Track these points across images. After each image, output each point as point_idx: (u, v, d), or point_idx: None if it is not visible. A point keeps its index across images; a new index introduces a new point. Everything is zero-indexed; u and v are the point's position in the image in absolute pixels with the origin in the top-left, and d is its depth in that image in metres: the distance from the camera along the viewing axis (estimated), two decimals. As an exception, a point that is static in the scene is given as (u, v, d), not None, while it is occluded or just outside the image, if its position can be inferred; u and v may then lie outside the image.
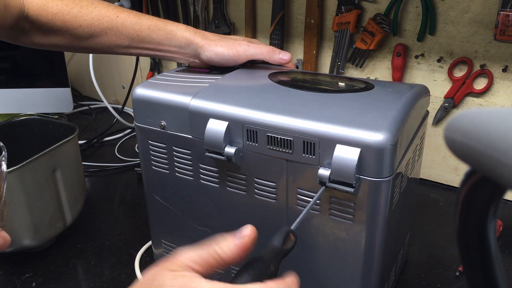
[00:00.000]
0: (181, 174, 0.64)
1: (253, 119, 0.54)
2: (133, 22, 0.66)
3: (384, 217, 0.51)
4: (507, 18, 0.76)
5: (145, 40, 0.67)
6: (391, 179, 0.50)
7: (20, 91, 1.16)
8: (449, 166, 0.96)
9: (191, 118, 0.59)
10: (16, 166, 0.69)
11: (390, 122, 0.50)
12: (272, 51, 0.69)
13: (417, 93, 0.59)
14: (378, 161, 0.48)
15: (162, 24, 0.67)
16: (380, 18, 0.91)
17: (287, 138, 0.52)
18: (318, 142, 0.50)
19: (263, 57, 0.69)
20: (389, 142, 0.48)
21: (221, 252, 0.41)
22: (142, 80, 1.35)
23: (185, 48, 0.68)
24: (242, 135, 0.55)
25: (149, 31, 0.67)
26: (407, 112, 0.53)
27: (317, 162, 0.52)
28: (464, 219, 0.27)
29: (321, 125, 0.50)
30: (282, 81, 0.64)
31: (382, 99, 0.57)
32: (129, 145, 1.21)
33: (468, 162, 0.23)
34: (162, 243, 0.73)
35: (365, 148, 0.48)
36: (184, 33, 0.67)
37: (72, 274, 0.75)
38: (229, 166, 0.58)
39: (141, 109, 0.63)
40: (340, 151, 0.49)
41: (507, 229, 0.82)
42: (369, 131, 0.48)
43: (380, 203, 0.51)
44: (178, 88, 0.62)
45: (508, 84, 0.84)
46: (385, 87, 0.62)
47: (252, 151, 0.56)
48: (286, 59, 0.70)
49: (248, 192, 0.59)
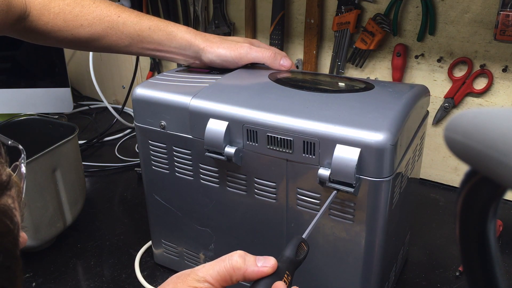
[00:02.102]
0: (181, 174, 0.64)
1: (253, 119, 0.54)
2: (134, 22, 0.67)
3: (384, 217, 0.51)
4: (507, 18, 0.76)
5: (146, 40, 0.67)
6: (391, 179, 0.50)
7: (20, 91, 1.16)
8: (449, 166, 0.96)
9: (191, 118, 0.59)
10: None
11: (390, 122, 0.50)
12: (274, 56, 0.69)
13: (417, 93, 0.59)
14: (378, 161, 0.48)
15: (163, 24, 0.67)
16: (380, 18, 0.91)
17: (287, 138, 0.52)
18: (318, 142, 0.50)
19: (264, 61, 0.69)
20: (389, 142, 0.48)
21: (242, 269, 0.43)
22: (142, 80, 1.35)
23: (186, 49, 0.68)
24: (242, 135, 0.55)
25: (150, 31, 0.67)
26: (407, 112, 0.53)
27: (317, 162, 0.51)
28: (464, 219, 0.27)
29: (321, 125, 0.50)
30: (282, 81, 0.64)
31: (382, 99, 0.57)
32: (129, 145, 1.21)
33: (468, 162, 0.23)
34: (162, 243, 0.73)
35: (365, 148, 0.48)
36: (185, 35, 0.67)
37: (72, 274, 0.75)
38: (229, 166, 0.58)
39: (141, 109, 0.63)
40: (340, 151, 0.49)
41: (507, 229, 0.82)
42: (369, 131, 0.48)
43: (380, 203, 0.51)
44: (178, 88, 0.62)
45: (508, 84, 0.84)
46: (385, 87, 0.62)
47: (252, 151, 0.56)
48: (287, 66, 0.70)
49: (248, 192, 0.59)
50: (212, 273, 0.43)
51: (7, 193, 0.29)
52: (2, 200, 0.28)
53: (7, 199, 0.29)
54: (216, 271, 0.43)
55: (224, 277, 0.43)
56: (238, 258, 0.44)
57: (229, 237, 0.64)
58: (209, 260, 0.68)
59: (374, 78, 0.98)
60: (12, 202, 0.29)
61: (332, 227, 0.54)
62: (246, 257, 0.44)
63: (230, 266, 0.43)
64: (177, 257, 0.72)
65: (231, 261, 0.44)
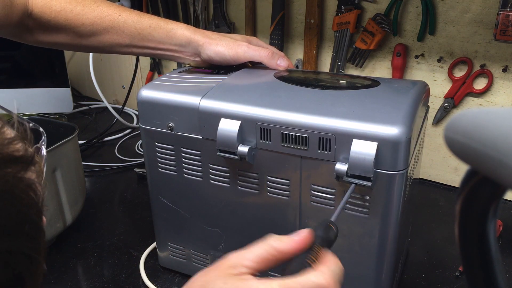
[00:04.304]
0: (190, 175, 0.63)
1: (267, 117, 0.54)
2: (134, 21, 0.67)
3: (398, 209, 0.52)
4: (507, 18, 0.76)
5: (146, 39, 0.67)
6: (405, 172, 0.51)
7: (20, 91, 1.16)
8: (449, 166, 0.96)
9: (201, 119, 0.59)
10: (16, 166, 0.69)
11: (404, 116, 0.51)
12: (271, 56, 0.69)
13: (421, 89, 0.61)
14: (394, 154, 0.49)
15: (163, 23, 0.68)
16: (380, 18, 0.91)
17: (302, 135, 0.53)
18: (334, 138, 0.51)
19: (262, 60, 0.69)
20: (405, 135, 0.49)
21: (280, 246, 0.41)
22: (142, 80, 1.35)
23: (186, 46, 0.68)
24: (255, 133, 0.55)
25: (150, 29, 0.67)
26: (416, 106, 0.55)
27: (333, 158, 0.52)
28: (464, 219, 0.27)
29: (337, 121, 0.51)
30: (289, 80, 0.64)
31: (391, 95, 0.58)
32: (129, 145, 1.21)
33: (468, 162, 0.23)
34: (168, 246, 0.72)
35: (382, 142, 0.49)
36: (184, 32, 0.68)
37: (72, 274, 0.75)
38: (240, 165, 0.58)
39: (147, 111, 0.63)
40: (358, 146, 0.50)
41: (507, 229, 0.82)
42: (385, 125, 0.49)
43: (394, 195, 0.51)
44: (185, 88, 0.62)
45: (508, 84, 0.84)
46: (390, 83, 0.63)
47: (265, 149, 0.56)
48: (284, 66, 0.70)
49: (260, 191, 0.59)
50: (250, 256, 0.41)
51: (32, 168, 0.30)
52: (28, 174, 0.30)
53: (31, 174, 0.30)
54: (255, 255, 0.41)
55: (265, 259, 0.41)
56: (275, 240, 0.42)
57: (240, 236, 0.64)
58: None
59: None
60: (36, 177, 0.31)
61: (347, 221, 0.54)
62: (281, 238, 0.42)
63: (271, 248, 0.41)
64: (184, 259, 0.72)
65: (271, 243, 0.42)
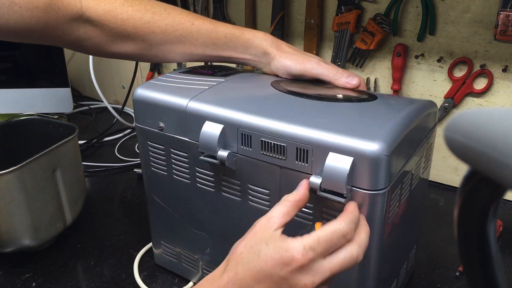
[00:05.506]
0: (178, 177, 0.64)
1: (248, 123, 0.53)
2: (209, 30, 0.65)
3: (379, 231, 0.49)
4: (507, 18, 0.76)
5: (221, 48, 0.66)
6: (386, 192, 0.48)
7: (20, 91, 1.16)
8: (449, 166, 0.96)
9: (188, 121, 0.58)
10: (16, 166, 0.69)
11: (387, 132, 0.48)
12: (340, 74, 0.64)
13: (421, 107, 0.56)
14: (373, 172, 0.46)
15: (239, 32, 0.66)
16: (380, 18, 0.91)
17: (280, 144, 0.51)
18: (311, 149, 0.49)
19: (329, 78, 0.64)
20: (384, 153, 0.45)
21: (293, 198, 0.47)
22: (142, 80, 1.35)
23: (261, 57, 0.67)
24: (236, 139, 0.55)
25: (226, 39, 0.65)
26: (406, 124, 0.51)
27: (309, 170, 0.50)
28: (464, 219, 0.27)
29: (315, 132, 0.49)
30: (283, 88, 0.63)
31: (382, 110, 0.56)
32: (129, 145, 1.21)
33: (468, 162, 0.23)
34: (162, 244, 0.72)
35: (358, 157, 0.46)
36: (261, 42, 0.66)
37: (72, 274, 0.75)
38: (223, 171, 0.58)
39: (141, 110, 0.63)
40: (332, 160, 0.47)
41: (507, 229, 0.82)
42: (363, 140, 0.46)
43: (374, 216, 0.48)
44: (177, 90, 0.62)
45: (508, 84, 0.84)
46: (388, 99, 0.60)
47: (246, 156, 0.55)
48: (354, 84, 0.63)
49: (243, 198, 0.58)
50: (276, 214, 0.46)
51: None
52: None
53: None
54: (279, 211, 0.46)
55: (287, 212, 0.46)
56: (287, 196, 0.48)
57: (224, 243, 0.62)
58: (207, 264, 0.68)
59: (374, 78, 0.98)
60: None
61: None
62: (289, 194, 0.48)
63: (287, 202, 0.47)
64: (176, 259, 0.72)
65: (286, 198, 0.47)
